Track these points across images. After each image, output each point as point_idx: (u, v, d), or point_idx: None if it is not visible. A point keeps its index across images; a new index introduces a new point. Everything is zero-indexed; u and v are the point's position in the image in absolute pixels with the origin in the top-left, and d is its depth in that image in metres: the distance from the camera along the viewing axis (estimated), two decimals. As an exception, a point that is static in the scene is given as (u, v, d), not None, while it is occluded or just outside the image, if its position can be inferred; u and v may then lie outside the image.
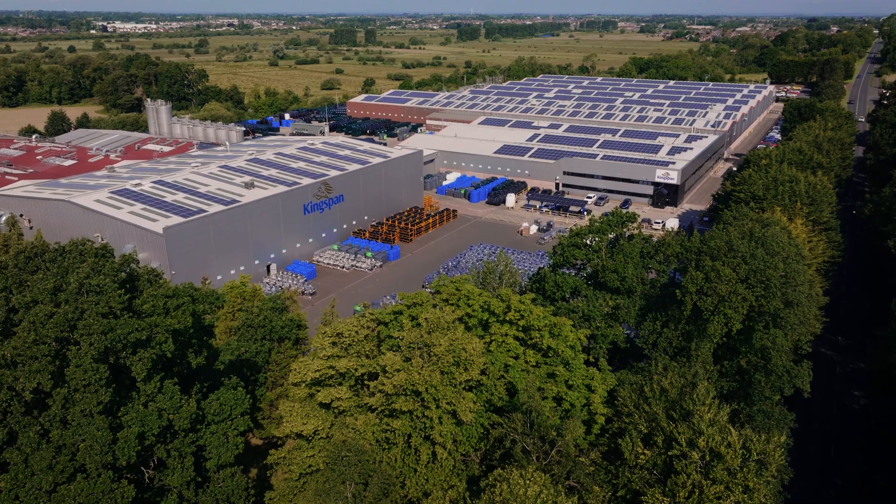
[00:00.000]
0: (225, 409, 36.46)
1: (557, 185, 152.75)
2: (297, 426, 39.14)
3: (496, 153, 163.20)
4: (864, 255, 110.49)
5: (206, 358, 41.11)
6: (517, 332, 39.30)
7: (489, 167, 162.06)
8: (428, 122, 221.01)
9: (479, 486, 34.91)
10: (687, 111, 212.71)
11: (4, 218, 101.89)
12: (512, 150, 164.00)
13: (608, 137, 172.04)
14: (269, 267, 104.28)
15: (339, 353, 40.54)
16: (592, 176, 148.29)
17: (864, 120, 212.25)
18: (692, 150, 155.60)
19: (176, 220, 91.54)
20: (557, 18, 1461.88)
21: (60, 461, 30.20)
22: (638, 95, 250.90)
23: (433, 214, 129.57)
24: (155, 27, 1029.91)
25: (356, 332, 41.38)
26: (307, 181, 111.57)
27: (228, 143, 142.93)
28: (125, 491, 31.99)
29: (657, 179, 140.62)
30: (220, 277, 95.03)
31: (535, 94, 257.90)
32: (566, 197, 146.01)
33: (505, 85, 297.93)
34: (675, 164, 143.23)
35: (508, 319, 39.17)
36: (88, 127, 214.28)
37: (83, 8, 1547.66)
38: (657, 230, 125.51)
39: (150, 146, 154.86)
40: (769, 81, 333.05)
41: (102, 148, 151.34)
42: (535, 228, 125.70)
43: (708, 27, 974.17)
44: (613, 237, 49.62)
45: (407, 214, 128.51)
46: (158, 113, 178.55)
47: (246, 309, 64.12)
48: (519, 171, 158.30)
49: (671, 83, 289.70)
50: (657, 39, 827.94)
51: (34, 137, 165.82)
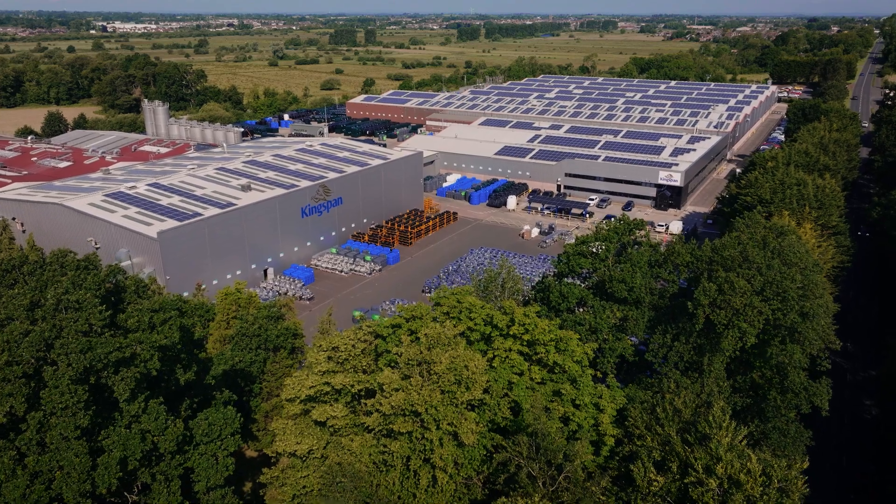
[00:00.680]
0: (214, 429, 34.63)
1: (559, 186, 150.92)
2: (290, 445, 37.33)
3: (497, 154, 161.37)
4: (872, 259, 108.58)
5: (196, 373, 39.29)
6: (521, 346, 37.47)
7: (490, 169, 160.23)
8: (428, 122, 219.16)
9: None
10: (689, 112, 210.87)
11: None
12: (513, 151, 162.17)
13: (610, 138, 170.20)
14: (266, 271, 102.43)
15: (334, 368, 38.71)
16: (594, 178, 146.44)
17: (867, 125, 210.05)
18: (695, 151, 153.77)
19: (171, 223, 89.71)
20: (557, 18, 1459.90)
21: (35, 490, 28.44)
22: (639, 96, 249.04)
23: (433, 217, 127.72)
24: (155, 27, 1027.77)
25: (353, 345, 39.54)
26: (305, 184, 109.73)
27: (226, 144, 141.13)
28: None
29: (660, 181, 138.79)
30: (215, 282, 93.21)
31: (535, 94, 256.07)
32: (568, 199, 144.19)
33: (505, 85, 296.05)
34: (678, 165, 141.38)
35: (512, 334, 37.35)
36: (86, 128, 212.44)
37: (83, 8, 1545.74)
38: (660, 233, 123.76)
39: (146, 147, 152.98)
40: (771, 82, 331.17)
41: (98, 149, 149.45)
42: (536, 231, 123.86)
43: (708, 27, 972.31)
44: (620, 245, 47.76)
45: (406, 217, 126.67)
46: (155, 114, 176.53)
47: (241, 317, 62.29)
48: (520, 172, 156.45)
49: (673, 83, 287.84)
50: (657, 39, 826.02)
51: (30, 139, 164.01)
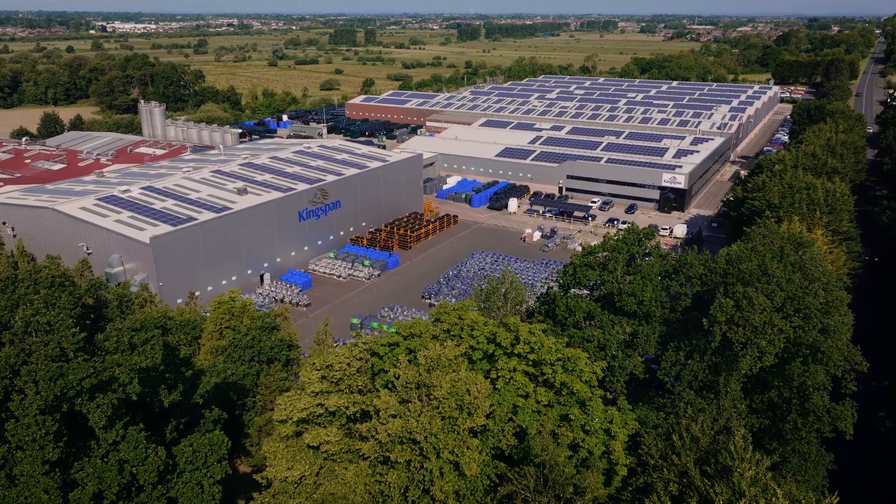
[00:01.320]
0: (199, 455, 32.44)
1: (561, 189, 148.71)
2: (281, 471, 35.14)
3: (498, 156, 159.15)
4: (881, 264, 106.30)
5: (182, 392, 37.06)
6: (526, 366, 35.29)
7: (490, 170, 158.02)
8: (428, 123, 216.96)
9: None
10: (692, 112, 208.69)
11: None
12: (514, 152, 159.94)
13: (612, 140, 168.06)
14: (262, 277, 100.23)
15: (328, 388, 36.52)
16: (597, 180, 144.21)
17: (870, 128, 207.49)
18: (699, 152, 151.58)
19: (164, 228, 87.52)
20: (557, 18, 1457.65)
21: (2, 528, 26.36)
22: (641, 96, 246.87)
23: (433, 220, 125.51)
24: (154, 27, 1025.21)
25: (348, 364, 37.35)
26: (303, 187, 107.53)
27: (222, 146, 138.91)
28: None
29: (664, 184, 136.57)
30: (210, 288, 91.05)
31: (536, 94, 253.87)
32: (570, 202, 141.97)
33: (506, 85, 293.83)
34: (681, 167, 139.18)
35: (517, 352, 35.16)
36: (82, 129, 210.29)
37: (83, 8, 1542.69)
38: (664, 236, 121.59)
39: (142, 149, 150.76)
40: (773, 82, 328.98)
41: (93, 151, 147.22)
42: (538, 235, 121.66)
43: (708, 27, 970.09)
44: (629, 255, 45.57)
45: (406, 220, 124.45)
46: (152, 115, 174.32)
47: (234, 327, 60.09)
48: (521, 174, 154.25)
49: (674, 84, 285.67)
50: (658, 39, 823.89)
51: (24, 140, 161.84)
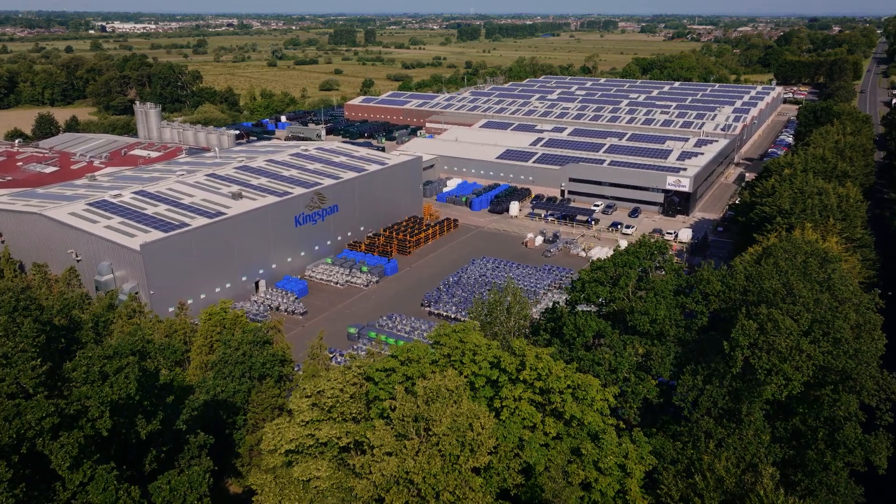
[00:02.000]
0: (177, 495, 29.78)
1: (563, 192, 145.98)
2: (269, 507, 32.48)
3: (498, 158, 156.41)
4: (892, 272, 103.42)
5: (163, 420, 34.39)
6: (533, 394, 32.62)
7: (491, 173, 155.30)
8: (428, 124, 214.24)
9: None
10: (695, 114, 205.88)
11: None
12: (515, 155, 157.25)
13: (615, 142, 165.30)
14: (257, 283, 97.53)
15: (319, 416, 33.86)
16: (600, 183, 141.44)
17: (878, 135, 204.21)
18: (703, 154, 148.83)
19: (155, 235, 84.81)
20: (558, 18, 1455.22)
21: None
22: (643, 97, 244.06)
23: (433, 224, 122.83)
24: (154, 27, 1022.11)
25: (341, 389, 34.69)
26: (299, 191, 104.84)
27: (218, 148, 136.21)
28: None
29: (668, 187, 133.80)
30: (203, 296, 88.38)
31: (537, 95, 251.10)
32: (572, 205, 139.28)
33: (506, 86, 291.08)
34: (686, 170, 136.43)
35: (522, 379, 32.50)
36: (77, 130, 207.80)
37: (83, 8, 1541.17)
38: (669, 241, 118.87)
39: (136, 151, 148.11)
40: (775, 82, 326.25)
41: (87, 153, 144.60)
42: (540, 239, 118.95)
43: (709, 27, 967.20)
44: (641, 270, 42.84)
45: (405, 225, 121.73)
46: (147, 116, 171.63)
47: (224, 341, 57.44)
48: (522, 177, 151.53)
49: (676, 84, 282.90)
50: (658, 39, 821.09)
51: (17, 142, 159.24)
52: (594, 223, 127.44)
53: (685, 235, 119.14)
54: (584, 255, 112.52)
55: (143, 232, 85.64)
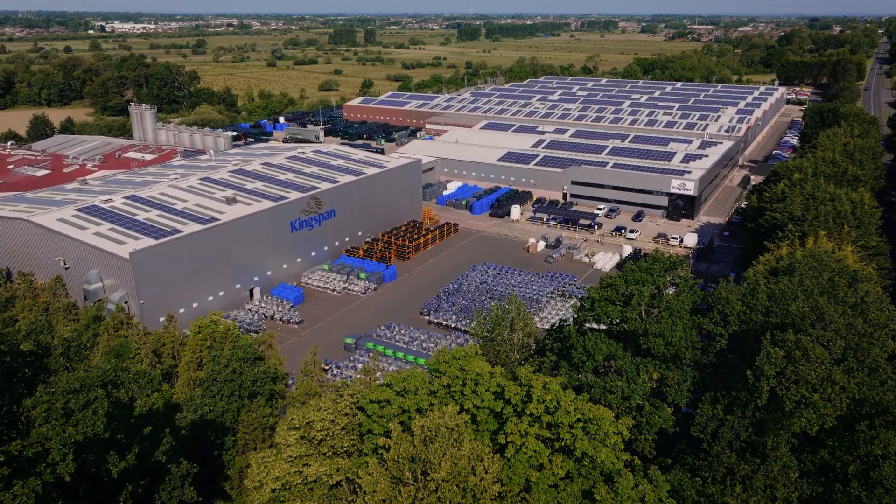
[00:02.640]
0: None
1: (565, 195, 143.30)
2: (252, 551, 29.87)
3: (499, 161, 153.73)
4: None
5: (140, 454, 31.72)
6: (540, 429, 29.98)
7: (492, 175, 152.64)
8: (427, 126, 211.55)
9: None
10: (698, 115, 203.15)
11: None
12: (516, 157, 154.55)
13: (617, 143, 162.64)
14: (251, 291, 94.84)
15: (307, 451, 31.21)
16: (602, 186, 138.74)
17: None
18: (708, 157, 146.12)
19: (145, 242, 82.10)
20: (558, 18, 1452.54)
21: None
22: (645, 98, 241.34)
23: (433, 229, 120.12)
24: (154, 27, 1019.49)
25: (331, 420, 32.03)
26: (295, 195, 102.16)
27: (213, 151, 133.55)
28: None
29: (672, 190, 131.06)
30: (195, 305, 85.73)
31: (538, 96, 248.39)
32: (574, 209, 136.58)
33: (507, 87, 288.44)
34: (690, 173, 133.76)
35: (529, 412, 29.87)
36: (73, 132, 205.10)
37: (82, 8, 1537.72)
38: (674, 246, 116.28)
39: (131, 154, 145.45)
40: (777, 83, 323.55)
41: (80, 156, 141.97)
42: (542, 245, 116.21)
43: (709, 27, 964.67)
44: (655, 287, 40.10)
45: (404, 229, 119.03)
46: (143, 118, 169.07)
47: (214, 357, 54.77)
48: (524, 180, 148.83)
49: (679, 85, 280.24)
50: (659, 39, 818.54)
51: (9, 144, 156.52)
52: (597, 227, 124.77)
53: (691, 240, 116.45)
54: (587, 260, 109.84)
55: (133, 239, 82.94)
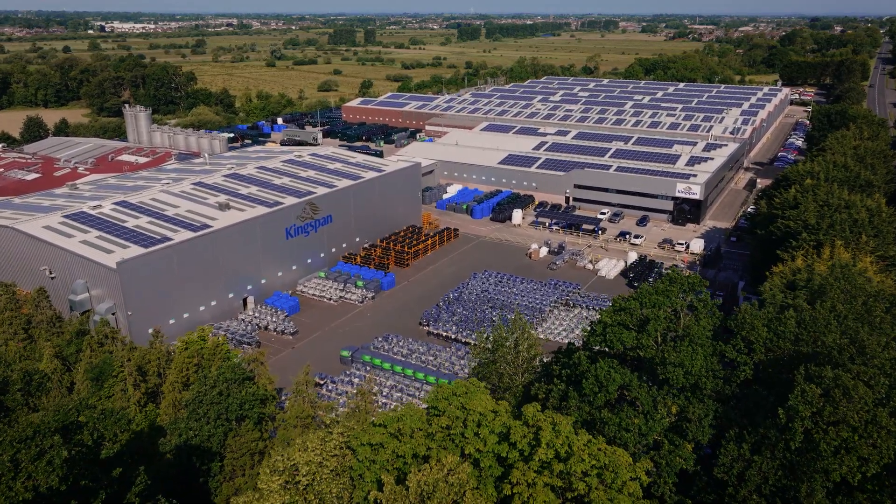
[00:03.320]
0: None
1: (568, 199, 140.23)
2: None
3: (501, 163, 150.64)
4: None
5: (107, 499, 28.71)
6: (550, 477, 27.03)
7: (493, 179, 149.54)
8: (427, 127, 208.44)
9: None
10: (702, 116, 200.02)
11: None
12: (517, 160, 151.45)
13: (620, 146, 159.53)
14: (245, 300, 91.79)
15: (293, 498, 28.20)
16: (606, 189, 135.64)
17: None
18: (713, 160, 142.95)
19: (134, 251, 79.03)
20: (558, 18, 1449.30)
21: None
22: (648, 99, 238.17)
23: (432, 234, 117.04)
24: (153, 27, 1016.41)
25: (319, 463, 29.01)
26: (291, 201, 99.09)
27: (207, 154, 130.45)
28: None
29: (678, 194, 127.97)
30: (186, 315, 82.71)
31: (539, 97, 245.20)
32: (577, 213, 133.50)
33: (507, 87, 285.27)
34: (696, 176, 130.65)
35: (538, 458, 26.91)
36: (67, 133, 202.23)
37: (82, 8, 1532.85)
38: (680, 252, 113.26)
39: (124, 157, 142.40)
40: (780, 83, 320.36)
41: (72, 159, 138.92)
42: (545, 251, 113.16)
43: (710, 27, 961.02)
44: (672, 311, 37.10)
45: (403, 235, 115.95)
46: (137, 119, 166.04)
47: (200, 378, 51.78)
48: (525, 183, 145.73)
49: (681, 85, 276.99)
50: (659, 39, 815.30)
51: (1, 147, 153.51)
52: (601, 232, 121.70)
53: (697, 246, 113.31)
54: (591, 267, 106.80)
55: (121, 247, 79.88)
